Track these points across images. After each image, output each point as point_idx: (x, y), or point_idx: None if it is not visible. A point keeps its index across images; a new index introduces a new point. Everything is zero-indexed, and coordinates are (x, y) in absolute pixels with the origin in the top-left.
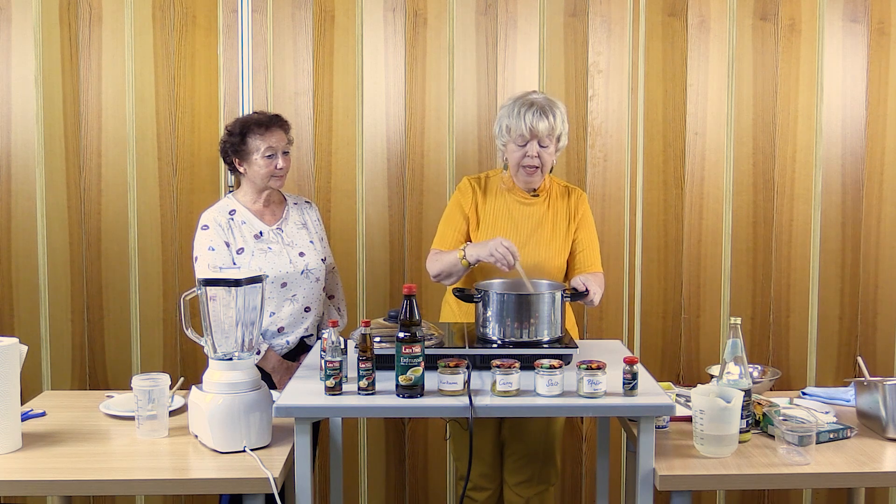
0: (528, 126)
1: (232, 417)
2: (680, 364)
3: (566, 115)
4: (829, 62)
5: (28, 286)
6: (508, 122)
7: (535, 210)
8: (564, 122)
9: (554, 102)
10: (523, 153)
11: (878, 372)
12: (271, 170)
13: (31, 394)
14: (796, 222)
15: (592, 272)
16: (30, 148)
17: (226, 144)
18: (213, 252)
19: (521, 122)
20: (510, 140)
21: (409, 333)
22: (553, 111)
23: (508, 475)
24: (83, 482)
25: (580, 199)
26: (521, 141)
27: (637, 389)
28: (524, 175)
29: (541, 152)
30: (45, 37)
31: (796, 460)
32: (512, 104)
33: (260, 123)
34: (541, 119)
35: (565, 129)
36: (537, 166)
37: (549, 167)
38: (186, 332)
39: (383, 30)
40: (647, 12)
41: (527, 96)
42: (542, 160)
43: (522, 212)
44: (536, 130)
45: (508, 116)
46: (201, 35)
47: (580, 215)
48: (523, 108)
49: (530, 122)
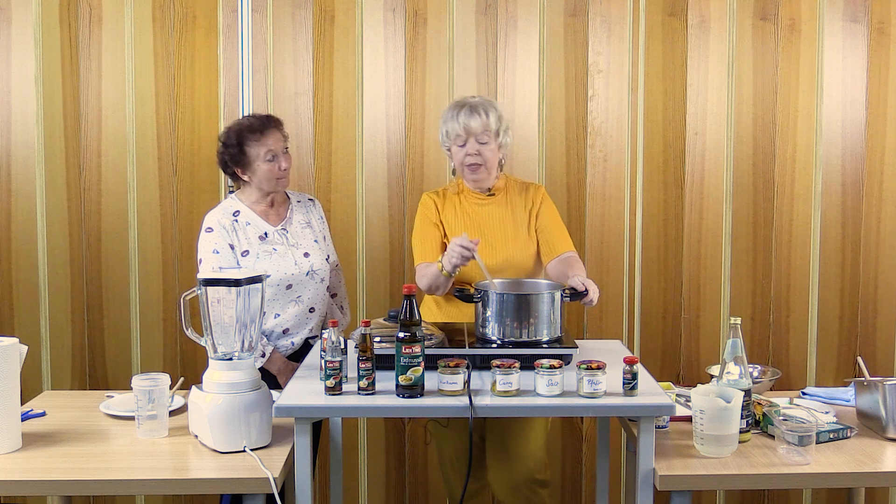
0: (463, 125)
1: (232, 417)
2: (680, 364)
3: (503, 115)
4: (829, 62)
5: (28, 286)
6: (446, 127)
7: (493, 210)
8: (501, 118)
9: (489, 101)
10: (465, 152)
11: (878, 372)
12: (276, 172)
13: (31, 394)
14: (796, 222)
15: (565, 253)
16: (30, 148)
17: (224, 156)
18: (218, 255)
19: (456, 122)
20: (451, 143)
21: (409, 333)
22: (486, 110)
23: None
24: (83, 482)
25: (537, 191)
26: (459, 141)
27: (637, 389)
28: (469, 173)
29: (481, 149)
30: (45, 37)
31: (796, 460)
32: (448, 110)
33: (253, 129)
34: (472, 117)
35: (503, 125)
36: (480, 163)
37: (494, 164)
38: (186, 332)
39: (383, 30)
40: (647, 12)
41: (462, 100)
42: (483, 157)
43: (481, 212)
44: (470, 128)
45: (445, 121)
46: (201, 35)
47: (538, 204)
48: (457, 109)
49: (464, 121)
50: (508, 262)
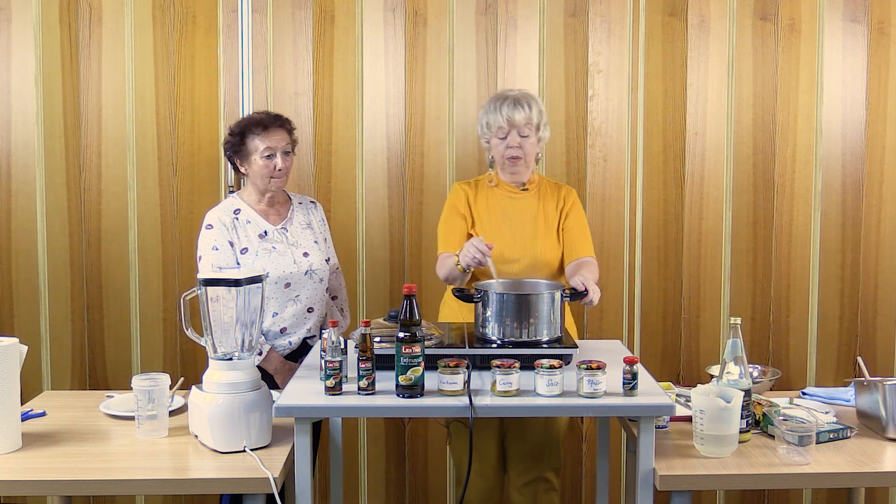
0: (505, 117)
1: (232, 417)
2: (680, 364)
3: (544, 108)
4: (829, 62)
5: (28, 286)
6: (487, 119)
7: (525, 204)
8: (542, 113)
9: (530, 95)
10: (505, 145)
11: (878, 372)
12: (270, 170)
13: (31, 394)
14: (796, 222)
15: (584, 259)
16: (30, 148)
17: (227, 144)
18: (217, 252)
19: (499, 115)
20: (492, 135)
21: (409, 333)
22: (529, 103)
23: (514, 475)
24: (83, 482)
25: (570, 192)
26: (501, 133)
27: (637, 389)
28: (509, 166)
29: (522, 142)
30: (45, 37)
31: (796, 460)
32: (489, 102)
33: (259, 123)
34: (516, 110)
35: (544, 120)
36: (520, 156)
37: (532, 158)
38: (186, 332)
39: (383, 30)
40: (647, 12)
41: (503, 93)
42: (524, 150)
43: (514, 206)
44: (514, 120)
45: (487, 113)
46: (201, 35)
47: (568, 205)
48: (499, 102)
49: (507, 113)
50: (535, 258)
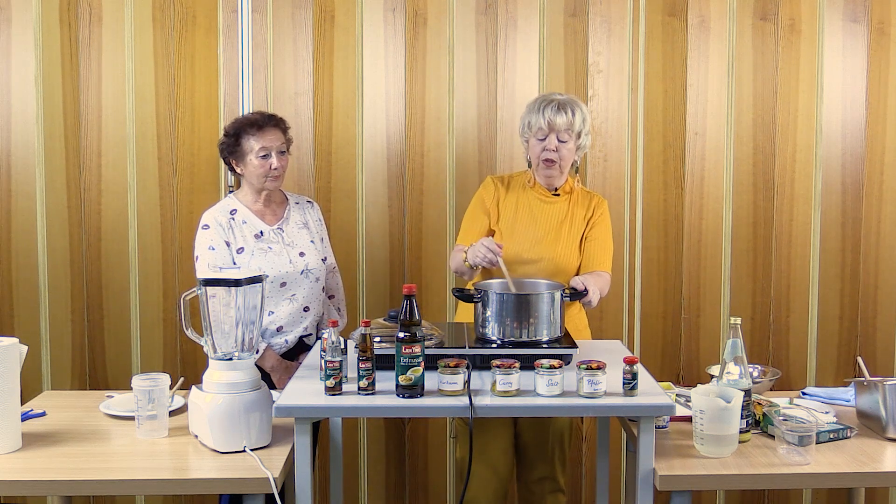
0: (547, 120)
1: (232, 417)
2: (680, 364)
3: (588, 117)
4: (829, 62)
5: (28, 286)
6: (529, 119)
7: (555, 209)
8: (585, 121)
9: (576, 102)
10: (542, 146)
11: (878, 372)
12: (266, 170)
13: (31, 394)
14: (796, 222)
15: (598, 271)
16: (30, 148)
17: (222, 146)
18: (214, 252)
19: (541, 116)
20: (531, 135)
21: (409, 333)
22: (573, 109)
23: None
24: (83, 482)
25: (600, 203)
26: (540, 135)
27: (637, 389)
28: (544, 169)
29: (559, 147)
30: (45, 37)
31: (796, 460)
32: (534, 102)
33: (253, 123)
34: (559, 114)
35: (586, 128)
36: (555, 160)
37: (568, 163)
38: (186, 332)
39: (383, 30)
40: (647, 12)
41: (549, 95)
42: (560, 154)
43: (543, 209)
44: (554, 124)
45: (530, 113)
46: (201, 35)
47: (596, 216)
48: (543, 104)
49: (549, 116)
50: (554, 263)
